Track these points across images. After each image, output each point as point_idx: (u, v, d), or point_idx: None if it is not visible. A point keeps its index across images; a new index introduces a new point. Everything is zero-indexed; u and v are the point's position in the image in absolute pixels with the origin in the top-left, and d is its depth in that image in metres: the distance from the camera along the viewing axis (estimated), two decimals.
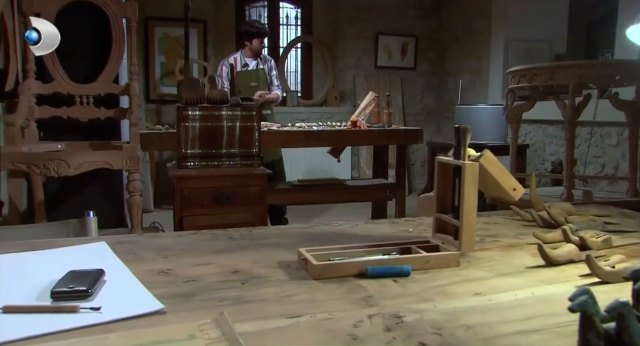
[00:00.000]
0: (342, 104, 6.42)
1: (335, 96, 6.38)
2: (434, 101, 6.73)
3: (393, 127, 3.79)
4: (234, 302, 0.74)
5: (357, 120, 3.69)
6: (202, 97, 2.13)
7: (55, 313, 0.70)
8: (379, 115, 3.98)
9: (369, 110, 4.15)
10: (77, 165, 1.69)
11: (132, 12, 2.08)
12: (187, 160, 2.10)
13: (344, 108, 6.36)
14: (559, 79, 2.66)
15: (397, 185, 3.79)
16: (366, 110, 4.14)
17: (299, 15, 6.50)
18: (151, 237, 1.11)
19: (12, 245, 1.01)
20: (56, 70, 2.01)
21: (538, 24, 5.35)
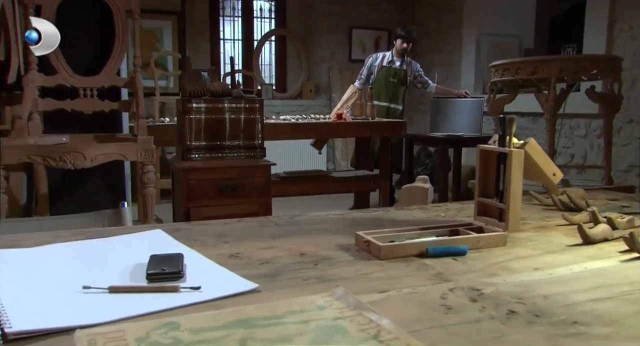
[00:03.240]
0: (317, 97, 6.47)
1: (310, 89, 6.43)
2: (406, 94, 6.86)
3: (377, 120, 3.88)
4: (319, 281, 0.79)
5: (342, 113, 3.76)
6: (205, 89, 2.14)
7: (158, 293, 0.73)
8: (362, 108, 4.06)
9: (350, 102, 4.22)
10: (93, 157, 1.69)
11: (135, 5, 2.07)
12: (191, 152, 2.11)
13: (319, 101, 6.42)
14: (541, 72, 2.80)
15: (382, 176, 3.88)
16: (348, 103, 4.21)
17: (272, 8, 6.49)
18: (200, 225, 1.15)
19: (72, 233, 1.03)
20: (59, 63, 1.98)
21: (508, 20, 5.54)
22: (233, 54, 6.29)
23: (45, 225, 1.22)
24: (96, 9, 2.11)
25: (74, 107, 1.99)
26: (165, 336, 0.52)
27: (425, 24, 6.48)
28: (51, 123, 2.06)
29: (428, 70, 6.45)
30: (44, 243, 0.94)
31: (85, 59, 2.12)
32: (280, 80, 6.56)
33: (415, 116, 6.75)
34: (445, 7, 6.07)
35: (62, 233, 1.03)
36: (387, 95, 4.55)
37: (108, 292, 0.72)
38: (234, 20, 6.31)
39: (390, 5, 6.63)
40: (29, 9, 1.93)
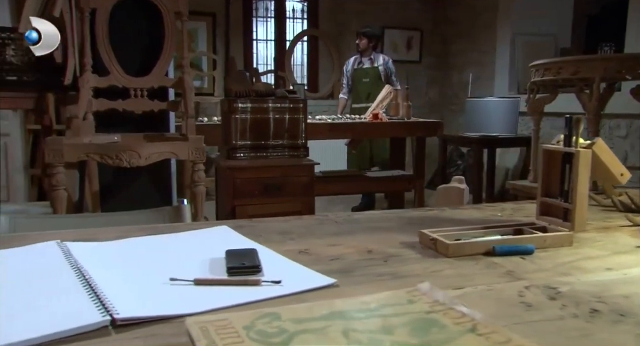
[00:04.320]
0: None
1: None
2: (438, 94, 6.83)
3: (412, 120, 3.88)
4: (392, 277, 0.81)
5: (378, 113, 3.77)
6: (250, 89, 2.18)
7: (240, 286, 0.76)
8: (398, 108, 4.06)
9: (385, 102, 4.23)
10: (147, 156, 1.74)
11: (184, 7, 2.12)
12: (237, 151, 2.15)
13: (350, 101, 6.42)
14: (585, 72, 2.75)
15: (416, 176, 3.87)
16: (383, 103, 4.22)
17: (305, 8, 6.53)
18: (262, 222, 1.17)
19: (142, 228, 1.07)
20: (112, 64, 2.04)
21: (543, 18, 5.46)
22: (266, 55, 6.35)
23: (111, 220, 1.26)
24: (146, 11, 2.16)
25: (125, 107, 2.05)
26: (270, 325, 0.54)
27: (458, 23, 6.43)
28: (102, 123, 2.12)
29: (461, 70, 6.42)
30: (117, 238, 0.98)
31: (135, 60, 2.18)
32: (312, 81, 6.59)
33: (447, 116, 6.70)
34: (479, 7, 6.02)
35: (132, 228, 1.07)
36: (364, 96, 4.64)
37: (193, 284, 0.75)
38: (267, 21, 6.38)
39: (422, 5, 6.60)
40: (85, 12, 2.00)
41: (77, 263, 0.80)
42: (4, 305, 0.65)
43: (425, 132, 3.83)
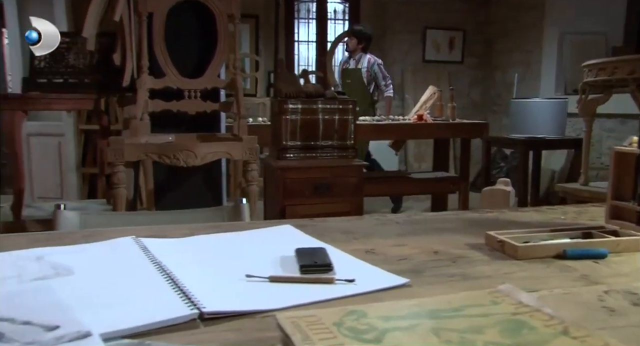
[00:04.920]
0: None
1: None
2: (480, 95, 6.72)
3: (457, 121, 3.83)
4: (463, 278, 0.81)
5: (422, 114, 3.74)
6: (300, 90, 2.20)
7: (313, 284, 0.77)
8: (442, 109, 4.02)
9: (429, 103, 4.19)
10: (203, 156, 1.78)
11: (236, 9, 2.16)
12: (287, 151, 2.18)
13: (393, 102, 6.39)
14: None
15: (461, 178, 3.82)
16: (427, 104, 4.18)
17: (346, 9, 6.54)
18: (323, 222, 1.19)
19: (207, 226, 1.10)
20: (167, 66, 2.10)
21: (593, 16, 5.29)
22: (307, 56, 6.39)
23: (174, 217, 1.30)
24: (199, 14, 2.22)
25: (180, 108, 2.10)
26: (359, 322, 0.55)
27: (501, 22, 6.31)
28: (156, 123, 2.18)
29: (504, 70, 6.30)
30: (187, 235, 1.01)
31: (189, 61, 2.24)
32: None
33: (490, 117, 6.58)
34: (525, 5, 5.89)
35: (199, 226, 1.10)
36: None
37: (268, 281, 0.77)
38: (309, 22, 6.42)
39: (464, 5, 6.51)
40: (142, 16, 2.06)
41: (156, 258, 0.83)
42: (96, 296, 0.69)
43: (471, 134, 3.78)
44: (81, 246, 0.90)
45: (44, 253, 0.85)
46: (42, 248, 0.88)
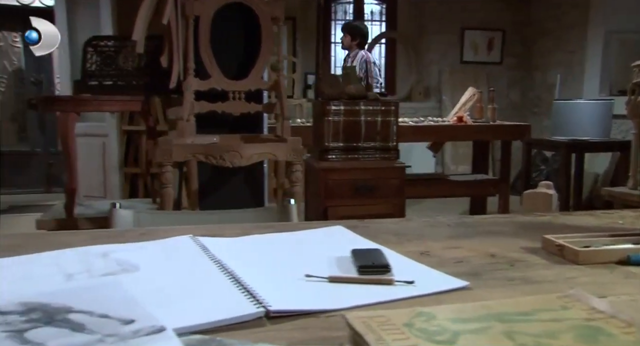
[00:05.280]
0: (427, 99, 6.40)
1: (420, 91, 6.37)
2: (519, 96, 6.59)
3: (498, 122, 3.77)
4: (524, 282, 0.79)
5: (462, 116, 3.69)
6: (342, 92, 2.20)
7: (373, 285, 0.77)
8: (482, 110, 3.96)
9: (468, 105, 4.13)
10: (248, 156, 1.81)
11: (280, 12, 2.19)
12: (329, 152, 2.18)
13: (428, 104, 6.34)
14: None
15: (501, 180, 3.76)
16: (466, 106, 4.13)
17: (383, 11, 6.53)
18: (372, 223, 1.19)
19: (258, 226, 1.11)
20: (213, 68, 2.14)
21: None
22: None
23: (223, 217, 1.32)
24: (243, 16, 2.25)
25: (224, 109, 2.14)
26: (429, 324, 0.55)
27: (542, 22, 6.18)
28: (201, 124, 2.22)
29: (544, 71, 6.16)
30: (242, 234, 1.03)
31: (233, 63, 2.27)
32: (389, 83, 6.56)
33: (529, 119, 6.45)
34: (567, 4, 5.75)
35: (252, 226, 1.12)
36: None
37: (328, 281, 0.78)
38: None
39: (504, 4, 6.39)
40: (189, 20, 2.10)
41: (215, 257, 0.84)
42: (162, 293, 0.71)
43: (512, 136, 3.71)
44: (142, 244, 0.93)
45: (109, 250, 0.88)
46: (107, 245, 0.91)
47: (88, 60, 2.23)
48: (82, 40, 4.46)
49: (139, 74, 2.23)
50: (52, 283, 0.74)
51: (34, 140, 5.81)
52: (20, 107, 5.75)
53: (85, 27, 4.44)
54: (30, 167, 5.80)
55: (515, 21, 6.39)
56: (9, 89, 5.71)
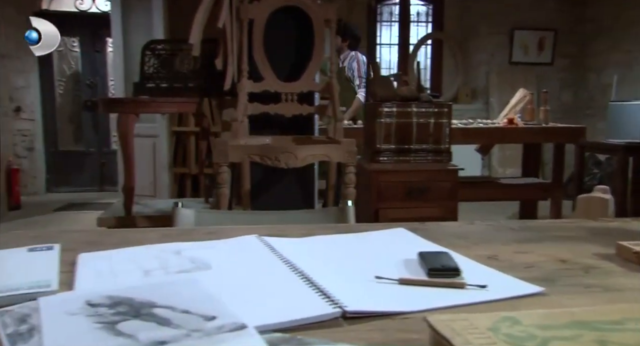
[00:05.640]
0: (474, 101, 6.29)
1: (467, 93, 6.27)
2: (572, 98, 6.39)
3: (551, 125, 3.66)
4: (603, 289, 0.77)
5: (513, 118, 3.61)
6: (395, 94, 2.19)
7: (444, 288, 0.77)
8: (533, 112, 3.86)
9: (519, 107, 4.03)
10: (303, 158, 1.83)
11: (333, 14, 2.20)
12: (380, 154, 2.17)
13: (475, 106, 6.23)
14: None
15: (554, 184, 3.65)
16: (516, 107, 4.03)
17: (430, 12, 6.45)
18: (434, 225, 1.18)
19: (320, 227, 1.12)
20: (266, 70, 2.17)
21: None
22: (389, 59, 6.36)
23: (281, 217, 1.33)
24: (296, 18, 2.27)
25: (277, 111, 2.16)
26: (515, 329, 0.54)
27: (598, 21, 5.96)
28: (252, 125, 2.25)
29: (599, 72, 5.94)
30: (304, 235, 1.03)
31: (285, 65, 2.30)
32: (435, 85, 6.48)
33: (582, 121, 6.23)
34: (627, 2, 5.52)
35: (314, 227, 1.13)
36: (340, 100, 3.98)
37: (398, 283, 0.77)
38: (391, 25, 6.39)
39: (557, 3, 6.21)
40: (244, 22, 2.14)
41: (283, 256, 0.85)
42: (237, 291, 0.72)
43: (566, 138, 3.60)
44: (211, 242, 0.95)
45: (181, 248, 0.90)
46: (179, 243, 0.93)
47: (146, 63, 2.30)
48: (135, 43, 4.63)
49: (194, 76, 2.28)
50: (131, 278, 0.77)
51: (89, 140, 6.03)
52: (76, 109, 5.99)
53: (138, 30, 4.59)
54: (84, 166, 6.03)
55: (568, 20, 6.20)
56: (66, 92, 5.96)
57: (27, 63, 5.58)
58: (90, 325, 0.60)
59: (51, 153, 5.91)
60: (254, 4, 2.16)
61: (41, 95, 5.75)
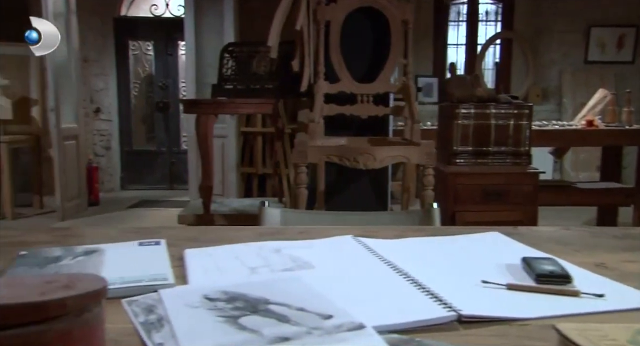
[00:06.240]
0: (544, 102, 6.04)
1: (537, 93, 6.03)
2: None
3: (635, 127, 3.46)
4: None
5: (593, 119, 3.44)
6: (472, 95, 2.14)
7: (554, 295, 0.74)
8: (614, 113, 3.67)
9: (598, 108, 3.85)
10: (382, 159, 1.82)
11: (410, 15, 2.18)
12: (457, 156, 2.13)
13: (546, 107, 5.98)
14: None
15: (638, 189, 3.45)
16: (596, 108, 3.85)
17: (499, 10, 6.27)
18: (527, 230, 1.14)
19: (410, 229, 1.11)
20: (342, 72, 2.18)
21: None
22: (456, 59, 6.23)
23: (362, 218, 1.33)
24: (372, 19, 2.27)
25: (353, 112, 2.17)
26: None
27: None
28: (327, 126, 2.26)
29: None
30: (396, 236, 1.03)
31: (361, 66, 2.30)
32: (503, 85, 6.29)
33: None
34: None
35: (404, 228, 1.12)
36: None
37: (506, 289, 0.75)
38: (459, 25, 6.26)
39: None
40: (320, 24, 2.16)
41: (384, 257, 0.85)
42: (345, 290, 0.72)
43: None
44: (308, 242, 0.96)
45: (279, 246, 0.92)
46: (277, 242, 0.95)
47: (224, 65, 2.37)
48: (206, 46, 4.78)
49: (271, 78, 2.33)
50: (239, 274, 0.79)
51: (160, 140, 6.28)
52: (149, 110, 6.25)
53: (209, 34, 4.73)
54: (155, 165, 6.28)
55: None
56: (140, 93, 6.23)
57: (106, 66, 5.88)
58: (213, 318, 0.62)
59: (126, 152, 6.20)
60: (331, 5, 2.17)
61: (118, 97, 6.05)
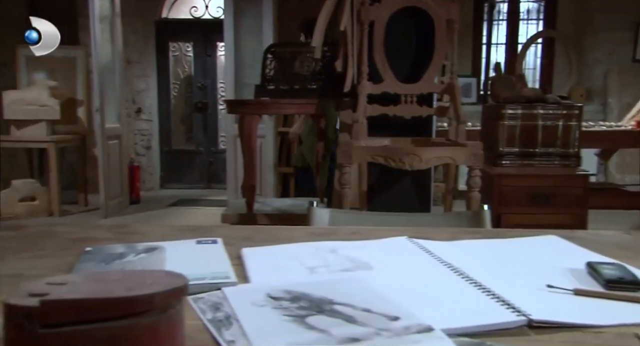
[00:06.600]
0: (588, 102, 5.86)
1: (581, 93, 5.86)
2: None
3: None
4: None
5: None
6: (519, 95, 2.10)
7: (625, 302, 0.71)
8: None
9: None
10: (427, 160, 1.81)
11: (456, 15, 2.15)
12: (503, 158, 2.09)
13: (591, 107, 5.80)
14: None
15: None
16: None
17: (541, 8, 6.12)
18: (585, 234, 1.11)
19: (463, 231, 1.09)
20: (386, 72, 2.17)
21: None
22: (497, 59, 6.12)
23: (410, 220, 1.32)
24: (416, 19, 2.24)
25: (396, 112, 2.15)
26: None
27: None
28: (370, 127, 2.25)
29: None
30: (449, 238, 1.01)
31: (405, 67, 2.28)
32: (545, 85, 6.14)
33: None
34: None
35: (457, 230, 1.11)
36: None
37: (573, 294, 0.73)
38: (499, 24, 6.14)
39: None
40: (364, 25, 2.15)
41: (442, 259, 0.84)
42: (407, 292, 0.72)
43: None
44: (363, 242, 0.96)
45: (335, 246, 0.92)
46: (330, 242, 0.95)
47: (267, 66, 2.39)
48: (245, 47, 4.83)
49: (314, 79, 2.33)
50: (298, 274, 0.80)
51: (198, 140, 6.38)
52: (188, 110, 6.36)
53: (248, 35, 4.78)
54: (193, 165, 6.38)
55: None
56: (180, 94, 6.35)
57: (148, 67, 6.02)
58: (280, 317, 0.62)
59: (165, 151, 6.32)
60: (375, 5, 2.16)
61: (158, 98, 6.17)
